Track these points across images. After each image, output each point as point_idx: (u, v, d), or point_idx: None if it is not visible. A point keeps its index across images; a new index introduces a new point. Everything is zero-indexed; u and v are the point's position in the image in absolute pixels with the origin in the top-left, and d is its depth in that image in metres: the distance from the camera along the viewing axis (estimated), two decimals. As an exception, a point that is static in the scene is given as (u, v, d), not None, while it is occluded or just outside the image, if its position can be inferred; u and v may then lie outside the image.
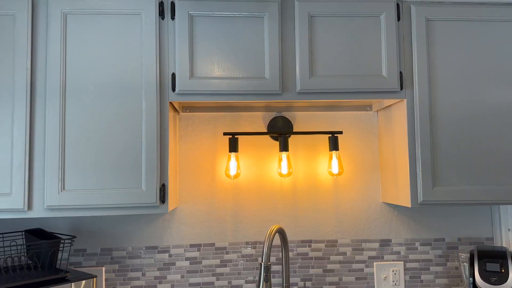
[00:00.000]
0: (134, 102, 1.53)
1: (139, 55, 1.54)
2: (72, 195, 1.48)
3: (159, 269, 1.82)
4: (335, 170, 1.82)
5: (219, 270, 1.84)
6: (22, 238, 1.67)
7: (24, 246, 1.58)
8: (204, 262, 1.84)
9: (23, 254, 1.60)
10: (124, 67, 1.54)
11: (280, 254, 1.86)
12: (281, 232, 1.70)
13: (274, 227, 1.61)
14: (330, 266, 1.88)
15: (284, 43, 1.60)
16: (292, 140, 1.91)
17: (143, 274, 1.81)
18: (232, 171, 1.79)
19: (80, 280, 1.49)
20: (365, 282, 1.89)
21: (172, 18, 1.57)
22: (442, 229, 1.94)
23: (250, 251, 1.86)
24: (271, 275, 1.82)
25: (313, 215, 1.90)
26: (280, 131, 1.89)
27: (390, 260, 1.91)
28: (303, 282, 1.87)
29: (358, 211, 1.92)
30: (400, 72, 1.62)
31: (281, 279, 1.84)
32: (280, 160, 1.83)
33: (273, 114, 1.92)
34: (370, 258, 1.90)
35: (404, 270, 1.90)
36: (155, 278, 1.82)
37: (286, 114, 1.93)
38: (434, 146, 1.61)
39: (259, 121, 1.92)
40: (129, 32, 1.54)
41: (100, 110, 1.52)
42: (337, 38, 1.61)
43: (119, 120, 1.52)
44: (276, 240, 1.86)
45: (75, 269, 1.72)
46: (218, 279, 1.84)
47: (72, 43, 1.53)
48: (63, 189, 1.48)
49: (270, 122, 1.91)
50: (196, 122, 1.90)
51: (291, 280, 1.87)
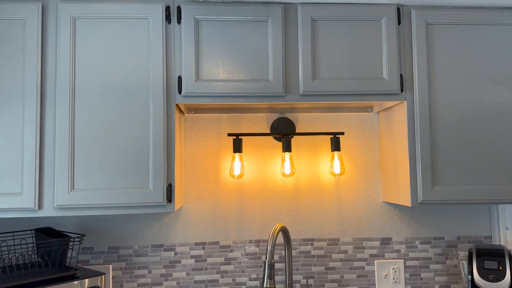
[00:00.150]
0: (141, 104, 1.57)
1: (146, 58, 1.58)
2: (81, 194, 1.52)
3: (165, 266, 1.86)
4: (337, 170, 1.86)
5: (223, 268, 1.88)
6: (32, 237, 1.71)
7: (34, 244, 1.62)
8: (209, 260, 1.88)
9: (33, 252, 1.64)
10: (132, 70, 1.57)
11: (283, 252, 1.90)
12: (284, 230, 1.73)
13: (278, 226, 1.65)
14: (332, 264, 1.92)
15: (287, 47, 1.64)
16: (294, 140, 1.95)
17: (149, 272, 1.85)
18: (237, 171, 1.83)
19: (89, 277, 1.52)
20: (366, 279, 1.93)
21: (179, 22, 1.60)
22: (442, 228, 1.97)
23: (253, 249, 1.90)
24: (275, 273, 1.85)
25: (315, 214, 1.94)
26: (283, 132, 1.93)
27: (391, 258, 1.95)
28: (305, 280, 1.91)
29: (359, 210, 1.96)
30: (401, 75, 1.66)
31: (284, 277, 1.88)
32: (283, 160, 1.86)
33: (276, 115, 1.96)
34: (371, 256, 1.94)
35: (404, 268, 1.94)
36: (161, 275, 1.86)
37: (289, 115, 1.97)
38: (434, 147, 1.65)
39: (262, 122, 1.96)
40: (136, 36, 1.58)
41: (108, 112, 1.56)
42: (339, 41, 1.65)
43: (127, 121, 1.56)
44: (279, 238, 1.89)
45: (83, 266, 1.76)
46: (222, 277, 1.88)
47: (81, 47, 1.56)
48: (73, 188, 1.52)
49: (273, 123, 1.95)
50: (201, 123, 1.94)
51: (294, 277, 1.90)
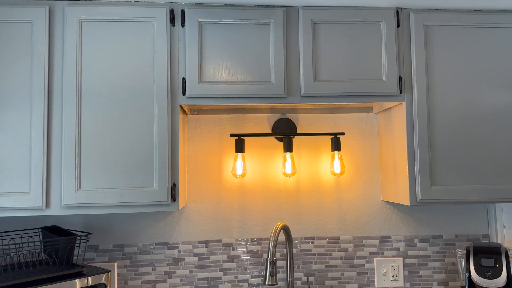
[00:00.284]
0: (146, 105, 1.60)
1: (151, 60, 1.61)
2: (87, 193, 1.55)
3: (168, 264, 1.90)
4: (337, 170, 1.90)
5: (226, 266, 1.92)
6: (39, 235, 1.75)
7: (42, 242, 1.66)
8: (212, 258, 1.92)
9: (41, 250, 1.67)
10: (137, 72, 1.61)
11: (285, 250, 1.94)
12: (285, 229, 1.77)
13: (280, 224, 1.68)
14: (332, 262, 1.96)
15: (288, 49, 1.67)
16: (296, 141, 1.98)
17: (154, 269, 1.89)
18: (239, 171, 1.86)
19: (95, 274, 1.56)
20: (365, 277, 1.97)
21: (182, 25, 1.64)
22: (440, 226, 2.01)
23: (255, 247, 1.94)
24: (276, 270, 1.89)
25: (316, 213, 1.98)
26: (284, 132, 1.97)
27: (390, 256, 1.98)
28: (306, 277, 1.94)
29: (359, 209, 1.99)
30: (400, 77, 1.69)
31: (285, 274, 1.92)
32: (284, 160, 1.90)
33: (277, 116, 2.00)
34: (371, 254, 1.98)
35: (403, 266, 1.98)
36: (165, 273, 1.90)
37: (290, 116, 2.00)
38: (432, 147, 1.68)
39: (264, 122, 1.99)
40: (141, 39, 1.61)
41: (114, 113, 1.59)
42: (339, 44, 1.68)
43: (132, 122, 1.59)
44: (281, 236, 1.93)
45: (89, 264, 1.80)
46: (225, 274, 1.92)
47: (87, 49, 1.60)
48: (79, 188, 1.56)
49: (274, 124, 1.98)
50: (203, 123, 1.97)
51: (295, 275, 1.94)
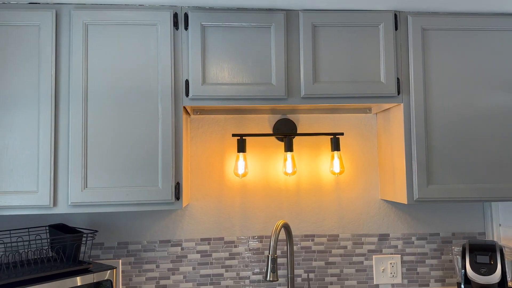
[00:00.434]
0: (151, 106, 1.64)
1: (155, 62, 1.65)
2: (94, 192, 1.60)
3: (172, 261, 1.95)
4: (336, 169, 1.94)
5: (228, 263, 1.97)
6: (46, 233, 1.79)
7: (49, 239, 1.70)
8: (214, 255, 1.97)
9: (48, 247, 1.72)
10: (141, 74, 1.65)
11: (285, 247, 1.98)
12: (286, 227, 1.81)
13: (280, 222, 1.73)
14: (331, 259, 2.01)
15: (289, 51, 1.71)
16: (296, 141, 2.03)
17: (157, 266, 1.94)
18: (241, 170, 1.90)
19: (102, 271, 1.61)
20: (364, 274, 2.01)
21: (186, 28, 1.68)
22: (437, 224, 2.05)
23: (257, 244, 1.98)
24: (277, 267, 1.94)
25: (316, 211, 2.02)
26: (285, 132, 2.01)
27: (388, 254, 2.02)
28: (306, 274, 1.99)
29: (358, 207, 2.04)
30: (398, 78, 1.73)
31: (286, 271, 1.96)
32: (285, 159, 1.94)
33: (278, 117, 2.04)
34: (369, 251, 2.02)
35: (401, 263, 2.02)
36: (169, 270, 1.94)
37: (291, 117, 2.04)
38: (429, 147, 1.72)
39: (265, 123, 2.04)
40: (145, 42, 1.66)
41: (119, 114, 1.63)
42: (338, 46, 1.72)
43: (137, 123, 1.64)
44: (281, 234, 1.97)
45: (95, 261, 1.84)
46: (227, 271, 1.96)
47: (93, 52, 1.64)
48: (86, 187, 1.60)
49: (275, 124, 2.03)
50: (206, 124, 2.01)
51: (295, 272, 1.98)
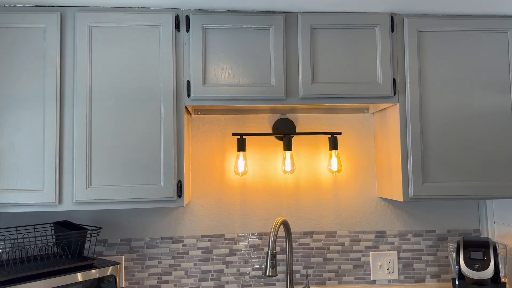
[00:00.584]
0: (153, 106, 1.69)
1: (157, 64, 1.70)
2: (98, 190, 1.64)
3: (173, 257, 1.99)
4: (334, 167, 1.98)
5: (228, 259, 2.01)
6: (51, 229, 1.84)
7: (55, 236, 1.75)
8: (215, 252, 2.01)
9: (53, 243, 1.76)
10: (144, 75, 1.69)
11: (284, 244, 2.03)
12: (285, 224, 1.86)
13: (279, 219, 1.77)
14: (329, 255, 2.05)
15: (288, 53, 1.75)
16: (295, 140, 2.07)
17: (159, 262, 1.98)
18: (241, 169, 1.95)
19: (105, 266, 1.66)
20: (361, 270, 2.06)
21: (187, 30, 1.72)
22: (433, 221, 2.09)
23: (256, 241, 2.03)
24: (276, 263, 1.98)
25: (314, 209, 2.06)
26: (284, 132, 2.05)
27: (385, 250, 2.07)
28: (305, 270, 2.03)
29: (355, 205, 2.08)
30: (394, 79, 1.77)
31: (285, 267, 2.01)
32: (284, 158, 1.99)
33: (277, 116, 2.08)
34: (367, 248, 2.07)
35: (398, 259, 2.06)
36: (170, 266, 1.99)
37: (290, 116, 2.09)
38: (424, 146, 1.77)
39: (264, 122, 2.08)
40: (148, 43, 1.70)
41: (123, 114, 1.68)
42: (336, 48, 1.77)
43: (140, 123, 1.68)
44: (280, 231, 2.02)
45: (99, 257, 1.89)
46: (227, 267, 2.01)
47: (96, 53, 1.68)
48: (90, 185, 1.65)
49: (275, 124, 2.07)
50: (207, 123, 2.06)
51: (294, 268, 2.03)
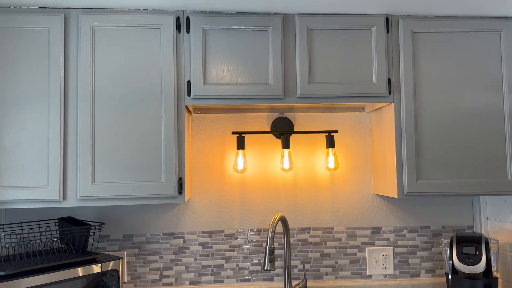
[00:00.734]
0: (154, 105, 1.73)
1: (159, 64, 1.74)
2: (101, 187, 1.69)
3: (174, 253, 2.04)
4: (331, 165, 2.03)
5: (228, 254, 2.06)
6: (55, 225, 1.88)
7: (59, 231, 1.79)
8: (215, 247, 2.06)
9: (58, 239, 1.81)
10: (146, 75, 1.74)
11: (282, 240, 2.08)
12: (283, 220, 1.91)
13: (277, 216, 1.82)
14: (327, 251, 2.10)
15: (286, 53, 1.80)
16: (293, 138, 2.11)
17: (161, 258, 2.03)
18: (240, 166, 2.00)
19: (109, 261, 1.71)
20: (358, 265, 2.11)
21: (188, 31, 1.77)
22: (428, 218, 2.14)
23: (255, 237, 2.08)
24: (274, 258, 2.03)
25: (312, 205, 2.11)
26: (282, 130, 2.10)
27: (381, 246, 2.12)
28: (302, 265, 2.08)
29: (352, 201, 2.13)
30: (389, 79, 1.82)
31: (283, 262, 2.06)
32: (282, 156, 2.03)
33: (276, 115, 2.13)
34: (363, 243, 2.11)
35: (393, 255, 2.11)
36: (171, 261, 2.04)
37: (288, 115, 2.13)
38: (418, 144, 1.81)
39: (263, 121, 2.13)
40: (150, 44, 1.74)
41: (125, 113, 1.72)
42: (333, 48, 1.81)
43: (142, 121, 1.73)
44: (279, 227, 2.07)
45: (102, 252, 1.94)
46: (227, 262, 2.06)
47: (99, 54, 1.72)
48: (94, 182, 1.69)
49: (273, 122, 2.12)
50: (207, 122, 2.11)
51: (292, 263, 2.08)
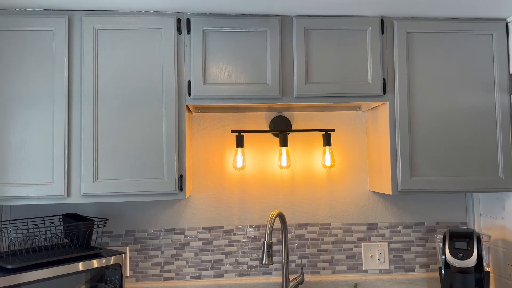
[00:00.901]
0: (156, 105, 1.78)
1: (160, 64, 1.79)
2: (104, 184, 1.74)
3: (175, 248, 2.10)
4: (328, 163, 2.08)
5: (227, 249, 2.12)
6: (60, 221, 1.94)
7: (64, 227, 1.85)
8: (215, 243, 2.12)
9: (62, 234, 1.87)
10: (147, 75, 1.79)
11: (280, 235, 2.13)
12: (281, 216, 1.96)
13: (275, 212, 1.87)
14: (323, 246, 2.16)
15: (283, 54, 1.85)
16: (291, 136, 2.16)
17: (162, 253, 2.09)
18: (239, 164, 2.05)
19: (111, 255, 1.76)
20: (354, 260, 2.16)
21: (188, 33, 1.82)
22: (422, 214, 2.19)
23: (254, 233, 2.14)
24: (272, 252, 2.08)
25: (309, 202, 2.17)
26: (281, 129, 2.15)
27: (376, 241, 2.17)
28: (300, 260, 2.13)
29: (348, 198, 2.18)
30: (383, 79, 1.87)
31: (281, 257, 2.11)
32: (280, 154, 2.08)
33: (274, 114, 2.18)
34: (359, 239, 2.17)
35: (389, 250, 2.16)
36: (172, 256, 2.09)
37: (286, 114, 2.18)
38: (412, 142, 1.86)
39: (262, 120, 2.18)
40: (151, 45, 1.79)
41: (127, 112, 1.77)
42: (329, 49, 1.86)
43: (143, 120, 1.78)
44: (277, 223, 2.12)
45: (105, 247, 1.99)
46: (226, 257, 2.12)
47: (102, 55, 1.78)
48: (97, 179, 1.75)
49: (271, 121, 2.17)
50: (207, 121, 2.16)
51: (290, 258, 2.13)
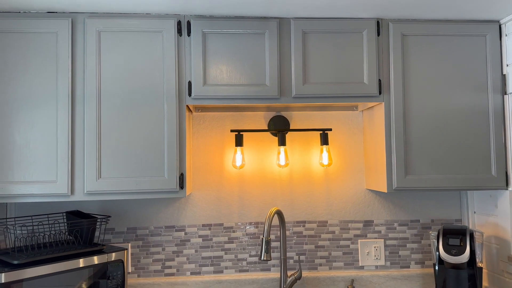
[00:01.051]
0: (157, 105, 1.83)
1: (161, 66, 1.84)
2: (107, 182, 1.79)
3: (176, 245, 2.14)
4: (325, 161, 2.13)
5: (227, 246, 2.16)
6: (63, 218, 1.98)
7: (67, 224, 1.90)
8: (214, 239, 2.16)
9: (66, 231, 1.91)
10: (149, 76, 1.83)
11: (279, 232, 2.16)
12: (279, 213, 2.01)
13: (274, 209, 1.92)
14: (321, 243, 2.20)
15: (281, 55, 1.89)
16: (289, 136, 2.20)
17: (163, 249, 2.14)
18: (238, 163, 2.10)
19: (114, 252, 1.81)
20: (350, 256, 2.21)
21: (188, 35, 1.86)
22: (418, 212, 2.24)
23: (253, 230, 2.18)
24: (271, 249, 2.13)
25: (306, 200, 2.21)
26: (279, 128, 2.19)
27: (372, 238, 2.22)
28: (298, 256, 2.18)
29: (345, 196, 2.23)
30: (379, 79, 1.91)
31: (279, 254, 2.15)
32: (278, 153, 2.13)
33: (272, 114, 2.22)
34: (355, 236, 2.21)
35: (384, 247, 2.21)
36: (173, 252, 2.14)
37: (284, 114, 2.23)
38: (407, 142, 1.91)
39: (260, 119, 2.22)
40: (152, 47, 1.84)
41: (129, 112, 1.82)
42: (326, 51, 1.90)
43: (145, 120, 1.82)
44: (275, 221, 2.16)
45: (107, 244, 2.04)
46: (226, 254, 2.16)
47: (105, 56, 1.82)
48: (100, 177, 1.79)
49: (270, 121, 2.21)
50: (207, 120, 2.20)
51: (288, 254, 2.18)
